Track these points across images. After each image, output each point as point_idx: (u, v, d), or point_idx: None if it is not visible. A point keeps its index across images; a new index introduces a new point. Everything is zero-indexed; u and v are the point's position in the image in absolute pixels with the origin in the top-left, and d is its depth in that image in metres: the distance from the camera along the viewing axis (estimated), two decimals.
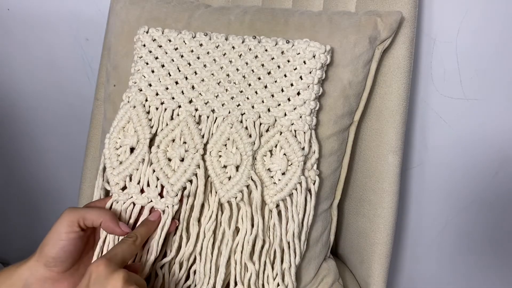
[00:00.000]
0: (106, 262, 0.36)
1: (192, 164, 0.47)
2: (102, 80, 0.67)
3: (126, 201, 0.47)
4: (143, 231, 0.44)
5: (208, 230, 0.47)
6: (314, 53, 0.48)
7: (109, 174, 0.48)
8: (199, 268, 0.47)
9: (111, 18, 0.60)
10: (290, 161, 0.48)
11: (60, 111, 0.90)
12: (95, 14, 0.78)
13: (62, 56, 0.84)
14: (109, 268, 0.35)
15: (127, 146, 0.49)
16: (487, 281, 0.81)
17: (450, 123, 0.69)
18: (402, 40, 0.55)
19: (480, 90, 0.66)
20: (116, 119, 0.50)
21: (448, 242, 0.80)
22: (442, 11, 0.62)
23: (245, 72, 0.50)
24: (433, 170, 0.74)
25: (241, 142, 0.48)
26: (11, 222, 1.09)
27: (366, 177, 0.60)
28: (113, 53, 0.58)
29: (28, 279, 0.40)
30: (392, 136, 0.56)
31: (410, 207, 0.79)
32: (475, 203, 0.75)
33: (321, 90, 0.50)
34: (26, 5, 0.80)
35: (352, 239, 0.63)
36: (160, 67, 0.51)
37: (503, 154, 0.69)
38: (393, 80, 0.56)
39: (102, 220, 0.42)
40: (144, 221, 0.45)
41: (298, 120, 0.49)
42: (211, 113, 0.50)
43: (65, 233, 0.40)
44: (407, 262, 0.85)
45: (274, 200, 0.48)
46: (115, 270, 0.35)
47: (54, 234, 0.41)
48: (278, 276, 0.48)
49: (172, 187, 0.47)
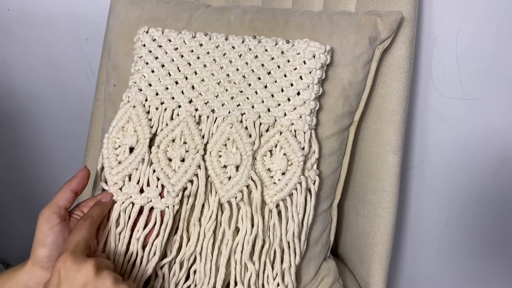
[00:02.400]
0: (72, 255, 0.35)
1: (193, 164, 0.47)
2: (102, 80, 0.67)
3: (125, 200, 0.47)
4: (97, 211, 0.43)
5: (208, 230, 0.47)
6: (314, 53, 0.48)
7: (107, 174, 0.48)
8: (199, 268, 0.47)
9: (111, 18, 0.60)
10: (290, 161, 0.48)
11: (60, 111, 0.90)
12: (95, 14, 0.78)
13: (62, 56, 0.84)
14: (76, 260, 0.35)
15: (126, 146, 0.49)
16: (487, 281, 0.81)
17: (450, 123, 0.69)
18: (402, 40, 0.55)
19: (480, 90, 0.66)
20: (115, 118, 0.50)
21: (448, 242, 0.80)
22: (442, 11, 0.62)
23: (245, 72, 0.50)
24: (433, 170, 0.74)
25: (241, 142, 0.48)
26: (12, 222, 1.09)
27: (366, 177, 0.60)
28: (113, 53, 0.58)
29: (27, 283, 0.40)
30: (392, 136, 0.56)
31: (410, 207, 0.79)
32: (475, 203, 0.75)
33: (321, 90, 0.50)
34: (26, 5, 0.80)
35: (352, 239, 0.63)
36: (160, 67, 0.51)
37: (503, 154, 0.69)
38: (393, 80, 0.56)
39: (69, 189, 0.43)
40: (97, 203, 0.45)
41: (298, 120, 0.49)
42: (211, 113, 0.50)
43: (48, 229, 0.40)
44: (407, 262, 0.85)
45: (274, 200, 0.48)
46: (83, 261, 0.35)
47: (39, 235, 0.41)
48: (278, 276, 0.48)
49: (173, 187, 0.47)
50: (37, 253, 0.40)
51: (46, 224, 0.41)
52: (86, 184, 0.45)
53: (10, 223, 1.09)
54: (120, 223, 0.46)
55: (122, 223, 0.46)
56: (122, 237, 0.46)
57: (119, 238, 0.46)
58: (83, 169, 0.45)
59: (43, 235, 0.40)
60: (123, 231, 0.46)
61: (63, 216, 0.42)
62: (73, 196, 0.43)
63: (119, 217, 0.47)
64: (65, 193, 0.43)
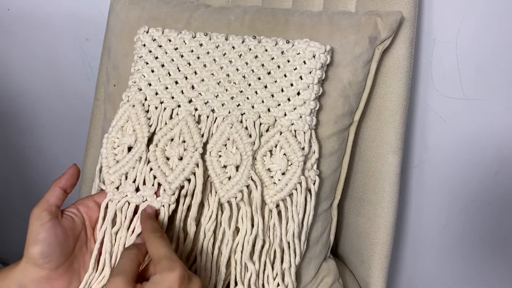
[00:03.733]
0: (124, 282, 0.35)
1: (191, 162, 0.47)
2: (102, 80, 0.67)
3: (121, 199, 0.47)
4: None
5: (208, 230, 0.47)
6: (314, 53, 0.48)
7: (105, 173, 0.48)
8: (199, 268, 0.47)
9: (111, 18, 0.60)
10: (290, 161, 0.48)
11: (60, 111, 0.90)
12: (95, 14, 0.78)
13: (62, 56, 0.84)
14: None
15: (124, 145, 0.49)
16: (487, 281, 0.81)
17: (450, 123, 0.69)
18: (402, 40, 0.55)
19: (480, 90, 0.66)
20: (115, 118, 0.50)
21: (448, 242, 0.80)
22: (442, 11, 0.62)
23: (245, 72, 0.50)
24: (433, 170, 0.74)
25: (241, 142, 0.48)
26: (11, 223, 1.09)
27: (366, 177, 0.60)
28: (113, 53, 0.58)
29: (21, 281, 0.40)
30: (392, 136, 0.56)
31: (410, 207, 0.79)
32: (475, 203, 0.75)
33: (321, 90, 0.50)
34: (26, 5, 0.80)
35: (352, 239, 0.63)
36: (160, 66, 0.51)
37: (503, 154, 0.69)
38: (393, 80, 0.56)
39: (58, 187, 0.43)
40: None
41: (298, 120, 0.49)
42: (211, 113, 0.50)
43: (39, 226, 0.40)
44: (407, 262, 0.85)
45: (274, 200, 0.48)
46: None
47: (31, 234, 0.41)
48: (278, 276, 0.48)
49: (170, 185, 0.46)
50: (30, 250, 0.40)
51: (37, 222, 0.41)
52: (76, 181, 0.45)
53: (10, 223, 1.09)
54: (117, 223, 0.46)
55: (118, 222, 0.46)
56: (118, 237, 0.46)
57: (115, 238, 0.46)
58: (72, 166, 0.45)
59: (34, 232, 0.40)
60: (119, 230, 0.46)
61: (54, 213, 0.42)
62: (63, 193, 0.43)
63: (115, 216, 0.46)
64: (55, 191, 0.43)
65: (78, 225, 0.44)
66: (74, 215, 0.44)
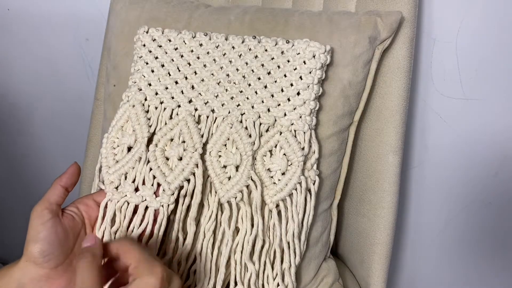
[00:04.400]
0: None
1: (191, 162, 0.47)
2: (102, 80, 0.67)
3: (120, 199, 0.47)
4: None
5: (208, 230, 0.47)
6: (314, 53, 0.48)
7: (105, 173, 0.48)
8: (199, 268, 0.47)
9: (111, 18, 0.60)
10: (290, 161, 0.48)
11: (60, 111, 0.90)
12: (95, 14, 0.78)
13: (62, 56, 0.84)
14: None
15: (124, 145, 0.49)
16: (487, 281, 0.81)
17: (450, 123, 0.69)
18: (402, 40, 0.55)
19: (480, 90, 0.66)
20: (114, 118, 0.50)
21: (448, 242, 0.80)
22: (442, 11, 0.62)
23: (245, 72, 0.50)
24: (433, 170, 0.74)
25: (241, 142, 0.48)
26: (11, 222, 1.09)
27: (366, 177, 0.60)
28: (113, 53, 0.58)
29: (21, 279, 0.40)
30: (392, 136, 0.56)
31: (410, 207, 0.79)
32: (475, 203, 0.75)
33: (321, 90, 0.50)
34: (26, 5, 0.80)
35: (352, 239, 0.63)
36: (160, 66, 0.51)
37: (503, 154, 0.69)
38: (393, 80, 0.56)
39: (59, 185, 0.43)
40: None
41: (298, 120, 0.49)
42: (210, 113, 0.50)
43: (40, 224, 0.40)
44: (407, 262, 0.85)
45: (274, 200, 0.48)
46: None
47: (31, 231, 0.40)
48: (278, 276, 0.48)
49: (169, 185, 0.46)
50: (29, 249, 0.40)
51: (38, 220, 0.40)
52: (77, 180, 0.45)
53: (10, 223, 1.09)
54: (116, 222, 0.46)
55: (118, 222, 0.46)
56: (117, 236, 0.46)
57: (114, 237, 0.46)
58: (73, 165, 0.45)
59: (35, 230, 0.40)
60: (118, 230, 0.46)
61: (55, 212, 0.42)
62: (64, 192, 0.43)
63: (115, 216, 0.46)
64: (56, 189, 0.43)
65: (78, 224, 0.44)
66: (74, 213, 0.44)
